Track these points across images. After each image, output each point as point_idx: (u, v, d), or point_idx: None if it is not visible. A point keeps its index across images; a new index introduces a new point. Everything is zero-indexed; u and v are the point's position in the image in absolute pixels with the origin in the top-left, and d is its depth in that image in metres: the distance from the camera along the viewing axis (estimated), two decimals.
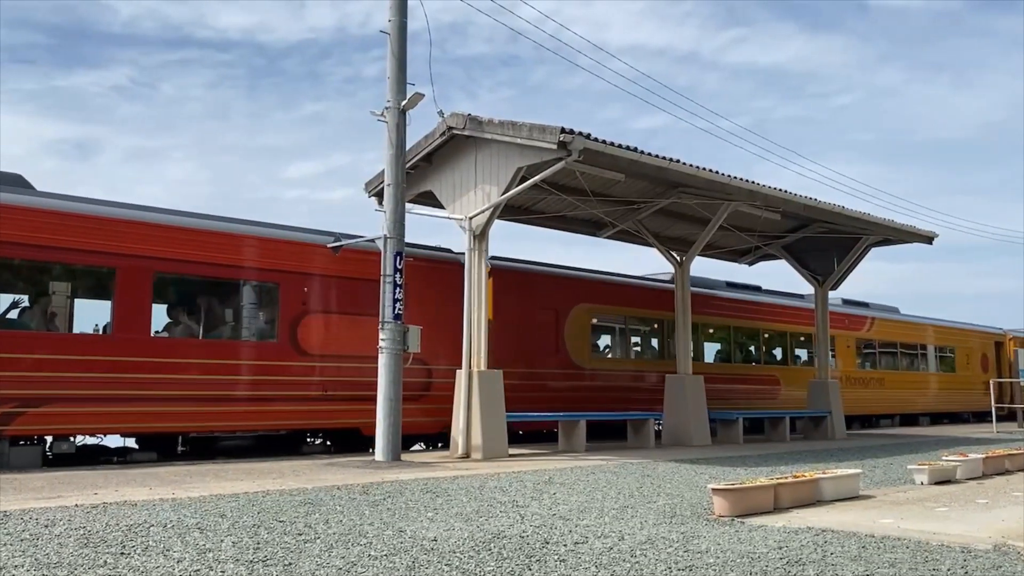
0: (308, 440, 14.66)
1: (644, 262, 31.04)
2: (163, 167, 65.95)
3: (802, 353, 24.49)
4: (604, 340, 19.93)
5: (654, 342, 20.86)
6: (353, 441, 14.37)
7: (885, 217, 18.53)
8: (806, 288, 21.74)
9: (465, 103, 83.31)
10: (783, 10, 77.62)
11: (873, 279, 72.77)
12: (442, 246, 16.18)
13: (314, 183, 73.68)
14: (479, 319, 13.19)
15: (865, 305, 27.52)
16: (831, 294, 21.21)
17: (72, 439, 12.04)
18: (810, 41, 75.20)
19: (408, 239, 12.85)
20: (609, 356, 19.66)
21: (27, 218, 11.33)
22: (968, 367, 31.31)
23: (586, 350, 18.33)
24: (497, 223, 13.90)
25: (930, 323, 29.87)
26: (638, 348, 20.75)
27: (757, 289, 24.12)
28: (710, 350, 22.31)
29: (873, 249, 20.23)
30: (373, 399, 12.38)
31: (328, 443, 14.78)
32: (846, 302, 26.54)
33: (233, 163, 71.91)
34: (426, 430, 15.31)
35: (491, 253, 13.98)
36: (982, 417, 30.58)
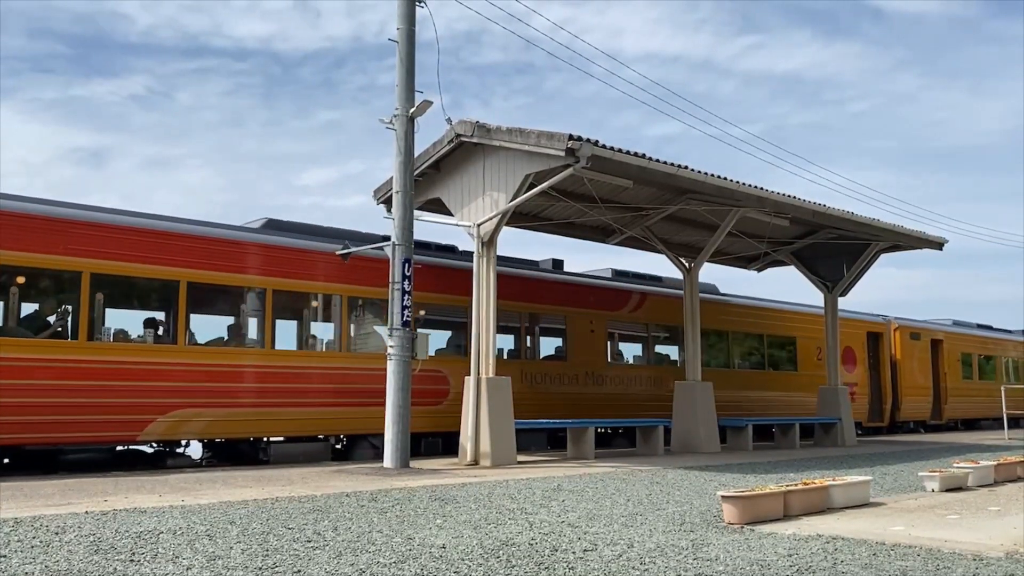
0: None
1: (652, 268, 30.89)
2: (179, 175, 66.47)
3: (507, 342, 17.32)
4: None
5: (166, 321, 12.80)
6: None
7: (895, 223, 18.52)
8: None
9: (479, 111, 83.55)
10: (798, 16, 77.65)
11: (888, 285, 72.47)
12: None
13: (328, 190, 74.09)
14: (487, 325, 13.19)
15: (657, 279, 20.41)
16: (599, 267, 18.97)
17: None
18: (826, 47, 75.19)
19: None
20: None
21: None
22: (821, 365, 22.79)
23: None
24: (505, 229, 13.92)
25: (757, 305, 22.45)
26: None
27: (452, 250, 16.61)
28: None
29: (885, 256, 20.22)
30: None
31: None
32: (617, 274, 19.69)
33: (249, 170, 72.41)
34: None
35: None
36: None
